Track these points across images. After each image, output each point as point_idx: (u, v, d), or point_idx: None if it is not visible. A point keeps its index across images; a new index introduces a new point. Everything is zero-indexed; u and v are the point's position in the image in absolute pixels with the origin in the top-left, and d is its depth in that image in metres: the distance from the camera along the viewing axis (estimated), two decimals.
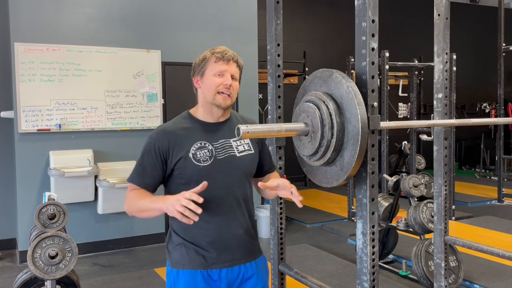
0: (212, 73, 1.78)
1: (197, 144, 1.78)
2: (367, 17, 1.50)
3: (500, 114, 7.17)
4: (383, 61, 5.90)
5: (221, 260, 1.80)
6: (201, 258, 1.78)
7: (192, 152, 1.76)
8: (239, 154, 1.84)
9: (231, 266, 1.82)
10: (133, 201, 1.76)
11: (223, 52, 1.79)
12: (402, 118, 10.11)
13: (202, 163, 1.76)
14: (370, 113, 1.49)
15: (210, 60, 1.79)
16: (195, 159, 1.76)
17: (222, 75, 1.78)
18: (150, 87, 5.18)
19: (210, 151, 1.78)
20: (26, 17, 4.67)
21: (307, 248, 4.99)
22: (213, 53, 1.79)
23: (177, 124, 1.83)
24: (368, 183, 1.52)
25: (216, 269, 1.79)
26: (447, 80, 2.47)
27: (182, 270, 1.79)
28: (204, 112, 1.84)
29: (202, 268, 1.78)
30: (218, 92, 1.77)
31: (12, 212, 5.10)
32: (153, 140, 1.79)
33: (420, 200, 4.22)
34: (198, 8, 5.44)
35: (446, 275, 2.51)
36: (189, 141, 1.78)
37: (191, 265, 1.78)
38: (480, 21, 11.07)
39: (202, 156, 1.77)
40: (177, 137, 1.78)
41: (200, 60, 1.82)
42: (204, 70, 1.80)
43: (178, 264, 1.81)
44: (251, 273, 1.86)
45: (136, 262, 4.73)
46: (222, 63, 1.77)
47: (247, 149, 1.87)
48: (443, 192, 2.52)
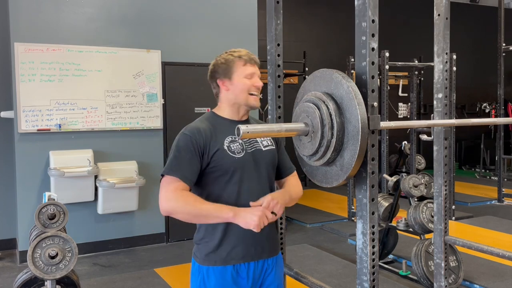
0: (242, 76, 1.86)
1: (229, 138, 1.85)
2: (367, 17, 1.50)
3: (500, 114, 7.17)
4: (383, 61, 5.90)
5: (251, 253, 1.85)
6: (234, 252, 1.83)
7: (226, 145, 1.83)
8: (265, 149, 1.92)
9: (258, 260, 1.87)
10: (190, 204, 1.74)
11: (249, 55, 1.88)
12: (402, 118, 10.10)
13: (236, 154, 1.84)
14: (370, 113, 1.49)
15: (238, 63, 1.86)
16: (230, 151, 1.83)
17: (251, 77, 1.87)
18: (150, 87, 5.18)
19: (241, 144, 1.86)
20: (26, 17, 4.67)
21: (307, 248, 4.99)
22: (240, 57, 1.87)
23: (206, 123, 1.89)
24: (368, 183, 1.52)
25: (246, 262, 1.84)
26: (447, 80, 2.47)
27: (213, 266, 1.83)
28: (231, 111, 1.91)
29: (234, 263, 1.83)
30: (250, 93, 1.86)
31: (12, 212, 5.10)
32: (189, 136, 1.82)
33: (420, 200, 4.22)
34: (198, 8, 5.44)
35: (446, 275, 2.51)
36: (222, 135, 1.85)
37: (221, 261, 1.82)
38: (480, 21, 11.07)
39: (236, 148, 1.84)
40: (211, 132, 1.84)
41: (225, 64, 1.88)
42: (231, 73, 1.86)
43: (208, 261, 1.84)
44: (271, 268, 1.93)
45: (136, 262, 4.73)
46: (250, 66, 1.87)
47: (270, 144, 1.96)
48: (443, 192, 2.52)
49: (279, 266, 1.99)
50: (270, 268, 1.92)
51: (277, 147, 2.01)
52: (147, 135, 5.19)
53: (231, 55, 1.88)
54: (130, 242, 5.14)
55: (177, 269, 4.48)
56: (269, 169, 1.94)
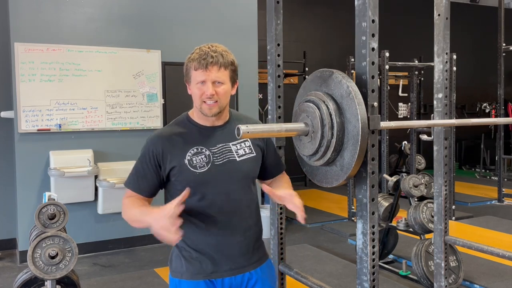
0: (194, 82, 1.70)
1: (193, 149, 1.72)
2: (367, 17, 1.50)
3: (500, 114, 7.17)
4: (383, 61, 5.90)
5: (222, 269, 1.75)
6: (201, 268, 1.74)
7: (187, 158, 1.71)
8: (240, 158, 1.77)
9: (234, 275, 1.77)
10: (126, 209, 1.73)
11: (200, 59, 1.67)
12: (402, 118, 10.10)
13: (198, 169, 1.70)
14: (370, 113, 1.49)
15: (191, 68, 1.70)
16: (191, 166, 1.70)
17: (203, 84, 1.68)
18: (150, 87, 5.18)
19: (207, 157, 1.72)
20: (26, 17, 4.66)
21: (307, 248, 4.99)
22: (192, 60, 1.69)
23: (173, 129, 1.78)
24: (368, 183, 1.52)
25: (217, 278, 1.75)
26: (447, 80, 2.47)
27: (185, 280, 1.75)
28: (198, 117, 1.78)
29: (202, 278, 1.74)
30: (203, 101, 1.70)
31: (12, 212, 5.10)
32: (148, 145, 1.76)
33: (420, 200, 4.22)
34: (198, 8, 5.44)
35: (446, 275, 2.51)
36: (185, 146, 1.73)
37: (189, 274, 1.75)
38: (480, 21, 11.07)
39: (199, 162, 1.71)
40: (172, 142, 1.73)
41: (185, 66, 1.75)
42: (189, 78, 1.73)
43: (177, 273, 1.78)
44: (255, 279, 1.81)
45: (136, 262, 4.73)
46: (201, 72, 1.67)
47: (248, 153, 1.80)
48: (443, 192, 2.52)
49: (266, 274, 1.86)
50: (254, 279, 1.80)
51: (265, 149, 1.87)
52: (147, 135, 5.13)
53: (188, 57, 1.72)
54: (130, 242, 5.14)
55: None
56: (244, 181, 1.79)
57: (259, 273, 1.82)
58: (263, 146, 1.87)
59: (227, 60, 1.70)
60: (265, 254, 1.90)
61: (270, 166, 1.91)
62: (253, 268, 1.81)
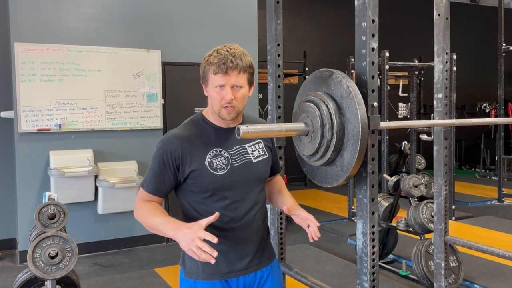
0: (213, 86, 1.66)
1: (213, 151, 1.71)
2: (367, 17, 1.50)
3: (500, 114, 7.17)
4: (383, 61, 5.90)
5: (237, 269, 1.76)
6: (217, 268, 1.74)
7: (208, 161, 1.69)
8: (255, 160, 1.78)
9: (248, 274, 1.78)
10: (144, 216, 1.70)
11: (219, 63, 1.63)
12: (402, 118, 10.11)
13: (219, 171, 1.69)
14: (370, 113, 1.49)
15: (209, 71, 1.66)
16: (211, 168, 1.69)
17: (221, 89, 1.65)
18: (150, 87, 5.18)
19: (226, 159, 1.71)
20: (26, 17, 4.66)
21: (307, 248, 4.99)
22: (211, 64, 1.65)
23: (190, 130, 1.74)
24: (368, 183, 1.52)
25: (233, 278, 1.76)
26: (447, 80, 2.47)
27: (200, 281, 1.75)
28: (214, 118, 1.76)
29: (218, 279, 1.74)
30: (223, 107, 1.67)
31: (12, 212, 5.10)
32: (165, 145, 1.70)
33: (420, 200, 4.22)
34: (198, 8, 5.44)
35: (446, 275, 2.51)
36: (204, 148, 1.70)
37: (205, 275, 1.74)
38: (480, 21, 11.07)
39: (219, 164, 1.70)
40: (191, 144, 1.70)
41: (202, 69, 1.70)
42: (207, 80, 1.69)
43: (192, 274, 1.77)
44: (266, 276, 1.84)
45: (136, 262, 4.73)
46: (221, 76, 1.63)
47: (262, 154, 1.81)
48: (443, 192, 2.52)
49: (275, 272, 1.90)
50: (265, 277, 1.83)
51: (272, 152, 1.89)
52: (147, 135, 5.19)
53: (206, 59, 1.68)
54: (130, 242, 5.14)
55: (177, 269, 4.44)
56: (260, 181, 1.81)
57: (269, 271, 1.86)
58: (272, 147, 1.90)
59: (246, 64, 1.67)
60: (273, 252, 1.94)
61: (272, 166, 1.93)
62: (265, 266, 1.84)
